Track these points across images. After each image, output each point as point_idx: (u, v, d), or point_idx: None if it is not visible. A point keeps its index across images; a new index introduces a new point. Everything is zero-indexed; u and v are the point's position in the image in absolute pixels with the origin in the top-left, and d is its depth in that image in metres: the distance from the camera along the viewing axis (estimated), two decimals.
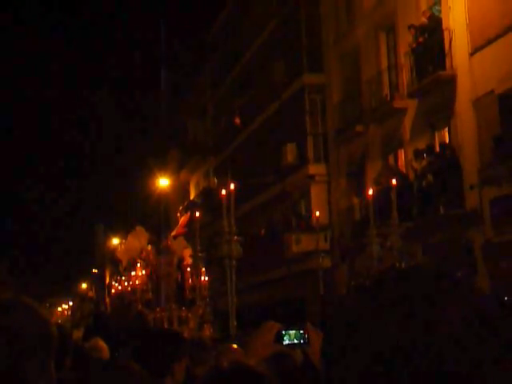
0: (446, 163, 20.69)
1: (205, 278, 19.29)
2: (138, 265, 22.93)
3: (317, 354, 3.34)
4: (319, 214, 24.96)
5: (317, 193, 29.28)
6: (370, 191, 17.35)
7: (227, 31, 40.59)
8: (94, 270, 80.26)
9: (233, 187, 14.75)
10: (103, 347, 7.11)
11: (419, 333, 1.14)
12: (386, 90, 25.26)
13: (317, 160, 29.59)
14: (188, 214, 42.02)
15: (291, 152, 30.45)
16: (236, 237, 14.93)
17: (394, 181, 16.95)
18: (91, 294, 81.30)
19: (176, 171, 47.41)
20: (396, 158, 25.22)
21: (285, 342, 3.33)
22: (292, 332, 3.31)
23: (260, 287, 31.72)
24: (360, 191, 26.92)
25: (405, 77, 23.40)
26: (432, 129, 22.73)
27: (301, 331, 3.32)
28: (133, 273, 22.93)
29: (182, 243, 22.86)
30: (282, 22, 31.93)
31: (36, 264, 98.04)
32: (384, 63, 25.70)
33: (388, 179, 22.75)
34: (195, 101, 47.01)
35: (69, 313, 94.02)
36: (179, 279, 21.49)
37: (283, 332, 3.32)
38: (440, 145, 21.94)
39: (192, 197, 45.60)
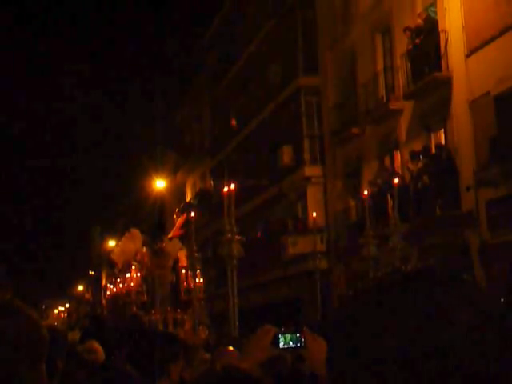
0: (442, 165, 20.70)
1: (200, 280, 19.24)
2: (133, 267, 22.88)
3: (313, 358, 3.32)
4: (312, 218, 24.96)
5: (313, 194, 29.28)
6: (366, 192, 17.32)
7: (223, 33, 40.58)
8: (91, 272, 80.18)
9: (233, 187, 14.70)
10: (98, 349, 7.08)
11: (430, 335, 1.14)
12: (382, 92, 25.27)
13: (313, 162, 29.59)
14: (184, 216, 42.01)
15: (287, 154, 30.44)
16: (237, 236, 14.88)
17: (396, 180, 16.84)
18: (88, 296, 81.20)
19: (172, 173, 47.40)
20: (392, 160, 25.21)
21: (280, 345, 3.31)
22: (287, 335, 3.29)
23: (256, 289, 31.70)
24: (356, 193, 26.94)
25: (401, 78, 23.41)
26: (428, 130, 22.75)
27: (297, 334, 3.31)
28: (127, 275, 22.90)
29: (177, 245, 22.83)
30: (278, 24, 31.93)
31: (33, 266, 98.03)
32: (380, 65, 25.70)
33: (384, 181, 22.79)
34: (192, 102, 47.00)
35: (65, 315, 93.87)
36: (174, 281, 21.47)
37: (279, 335, 3.31)
38: (436, 146, 21.94)
39: (188, 198, 45.58)
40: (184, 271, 20.87)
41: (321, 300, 23.42)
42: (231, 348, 6.08)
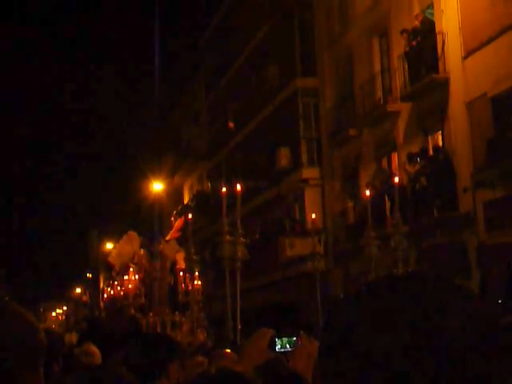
0: (440, 166, 20.70)
1: (198, 282, 19.18)
2: (131, 269, 22.81)
3: (298, 360, 3.33)
4: (311, 219, 24.92)
5: (311, 196, 29.28)
6: (368, 192, 17.22)
7: (220, 35, 40.60)
8: (88, 275, 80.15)
9: (239, 188, 14.54)
10: (95, 352, 7.06)
11: (419, 340, 1.12)
12: (380, 94, 25.30)
13: (310, 164, 29.59)
14: (182, 218, 42.00)
15: (285, 156, 30.45)
16: (242, 238, 14.73)
17: (397, 179, 16.73)
18: (85, 299, 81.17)
19: (170, 175, 47.38)
20: (389, 162, 25.23)
21: (277, 348, 3.32)
22: (284, 339, 3.30)
23: (254, 291, 31.69)
24: (354, 195, 26.96)
25: (398, 80, 23.42)
26: (425, 132, 22.76)
27: (294, 338, 3.32)
28: (125, 277, 22.84)
29: (175, 247, 22.75)
30: (276, 26, 31.94)
31: (30, 269, 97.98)
32: (377, 67, 25.73)
33: (383, 182, 22.78)
34: (189, 105, 47.02)
35: (63, 317, 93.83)
36: (172, 283, 21.42)
37: (276, 339, 3.31)
38: (433, 148, 21.96)
39: (186, 201, 45.59)
40: (182, 273, 20.80)
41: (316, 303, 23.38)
42: (228, 351, 6.08)
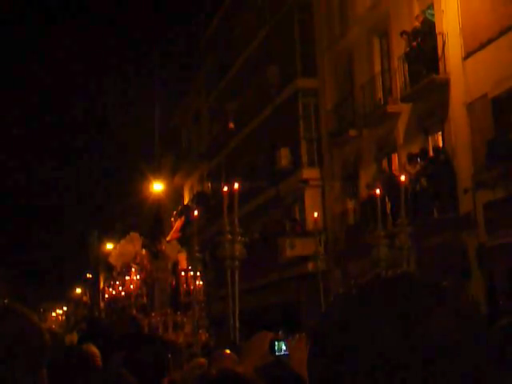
0: (440, 167, 20.70)
1: (200, 282, 19.19)
2: (133, 269, 22.81)
3: (296, 362, 3.34)
4: (313, 219, 24.88)
5: (311, 197, 29.28)
6: (378, 191, 17.14)
7: (221, 35, 40.60)
8: (88, 275, 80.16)
9: (237, 186, 14.53)
10: (95, 352, 7.04)
11: (408, 341, 1.12)
12: (380, 95, 25.29)
13: (310, 164, 29.59)
14: (182, 219, 41.99)
15: (285, 156, 30.45)
16: (240, 237, 14.73)
17: (403, 177, 16.64)
18: (85, 299, 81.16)
19: (170, 176, 47.40)
20: (390, 162, 25.22)
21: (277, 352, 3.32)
22: (281, 342, 3.30)
23: (254, 292, 31.68)
24: (354, 195, 26.96)
25: (398, 81, 23.42)
26: (425, 133, 22.75)
27: (289, 339, 3.32)
28: (127, 277, 22.85)
29: (176, 247, 22.77)
30: (276, 27, 31.95)
31: (30, 269, 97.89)
32: (377, 67, 25.72)
33: (384, 181, 22.73)
34: (189, 105, 47.02)
35: (63, 318, 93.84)
36: (174, 284, 21.40)
37: (275, 342, 3.31)
38: (433, 149, 21.95)
39: (186, 201, 45.58)
40: (183, 273, 20.80)
41: (319, 303, 23.38)
42: (228, 351, 6.07)
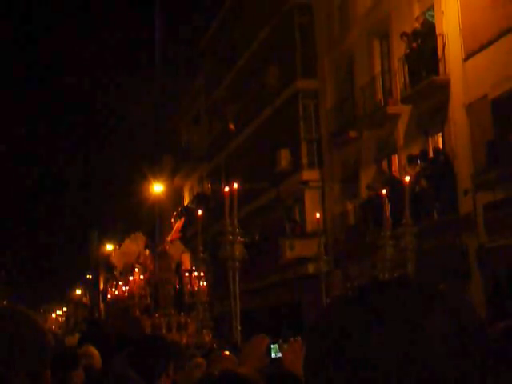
0: (440, 168, 20.70)
1: (204, 283, 19.12)
2: (136, 270, 22.76)
3: (289, 364, 3.35)
4: (313, 220, 24.87)
5: (311, 198, 29.28)
6: (384, 191, 17.10)
7: (221, 37, 40.61)
8: (88, 276, 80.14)
9: (236, 186, 14.48)
10: (95, 354, 7.04)
11: (401, 347, 1.13)
12: (380, 96, 25.29)
13: (310, 165, 29.59)
14: (182, 220, 41.99)
15: (285, 157, 30.45)
16: (240, 238, 14.67)
17: (407, 178, 16.58)
18: (85, 300, 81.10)
19: (170, 177, 47.38)
20: (390, 164, 25.23)
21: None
22: (275, 345, 3.31)
23: (254, 293, 31.68)
24: (354, 196, 26.95)
25: (398, 82, 23.43)
26: (425, 134, 22.75)
27: (280, 342, 3.34)
28: (131, 278, 22.79)
29: (180, 247, 22.74)
30: (276, 28, 31.95)
31: (30, 270, 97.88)
32: (377, 69, 25.73)
33: (385, 181, 22.72)
34: (189, 106, 47.02)
35: (63, 319, 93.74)
36: (177, 284, 21.35)
37: (271, 345, 3.33)
38: (434, 150, 21.95)
39: (186, 202, 45.59)
40: (187, 274, 20.76)
41: (320, 304, 23.39)
42: (227, 353, 6.08)
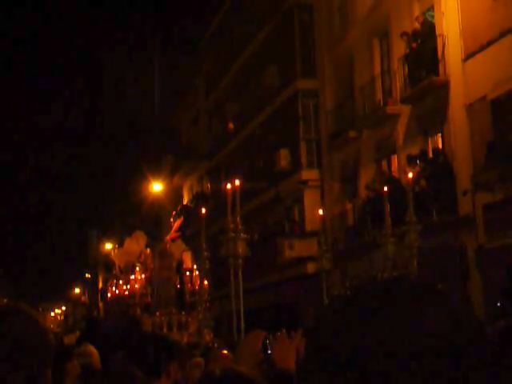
0: (439, 169, 20.71)
1: (205, 282, 19.05)
2: (137, 268, 22.70)
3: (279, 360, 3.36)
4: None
5: (310, 198, 29.26)
6: (385, 188, 17.07)
7: (221, 36, 40.59)
8: (87, 275, 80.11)
9: (238, 183, 14.29)
10: (93, 352, 7.06)
11: (398, 345, 1.13)
12: (379, 96, 25.29)
13: (310, 165, 29.58)
14: (181, 219, 41.95)
15: (284, 157, 30.44)
16: (243, 235, 14.50)
17: (411, 174, 16.51)
18: (84, 299, 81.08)
19: (169, 176, 47.36)
20: (389, 164, 25.23)
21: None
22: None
23: (252, 292, 31.66)
24: (353, 196, 26.95)
25: (398, 82, 23.43)
26: (425, 134, 22.76)
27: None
28: (132, 276, 22.74)
29: (181, 246, 22.67)
30: (276, 27, 31.95)
31: (29, 269, 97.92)
32: (377, 69, 25.73)
33: (386, 180, 22.72)
34: (188, 106, 47.01)
35: (62, 318, 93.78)
36: (178, 283, 21.29)
37: (267, 341, 3.34)
38: (433, 150, 21.96)
39: (185, 201, 45.57)
40: (188, 273, 20.70)
41: (319, 303, 23.40)
42: (225, 352, 6.08)
